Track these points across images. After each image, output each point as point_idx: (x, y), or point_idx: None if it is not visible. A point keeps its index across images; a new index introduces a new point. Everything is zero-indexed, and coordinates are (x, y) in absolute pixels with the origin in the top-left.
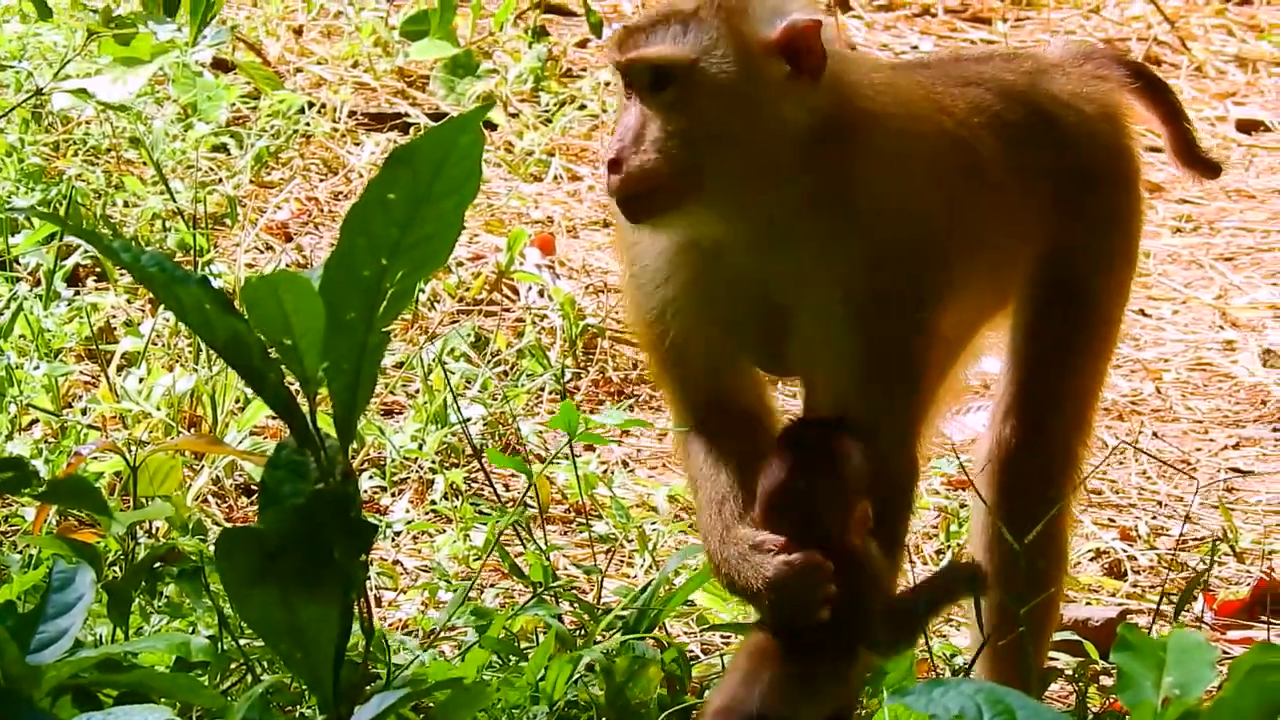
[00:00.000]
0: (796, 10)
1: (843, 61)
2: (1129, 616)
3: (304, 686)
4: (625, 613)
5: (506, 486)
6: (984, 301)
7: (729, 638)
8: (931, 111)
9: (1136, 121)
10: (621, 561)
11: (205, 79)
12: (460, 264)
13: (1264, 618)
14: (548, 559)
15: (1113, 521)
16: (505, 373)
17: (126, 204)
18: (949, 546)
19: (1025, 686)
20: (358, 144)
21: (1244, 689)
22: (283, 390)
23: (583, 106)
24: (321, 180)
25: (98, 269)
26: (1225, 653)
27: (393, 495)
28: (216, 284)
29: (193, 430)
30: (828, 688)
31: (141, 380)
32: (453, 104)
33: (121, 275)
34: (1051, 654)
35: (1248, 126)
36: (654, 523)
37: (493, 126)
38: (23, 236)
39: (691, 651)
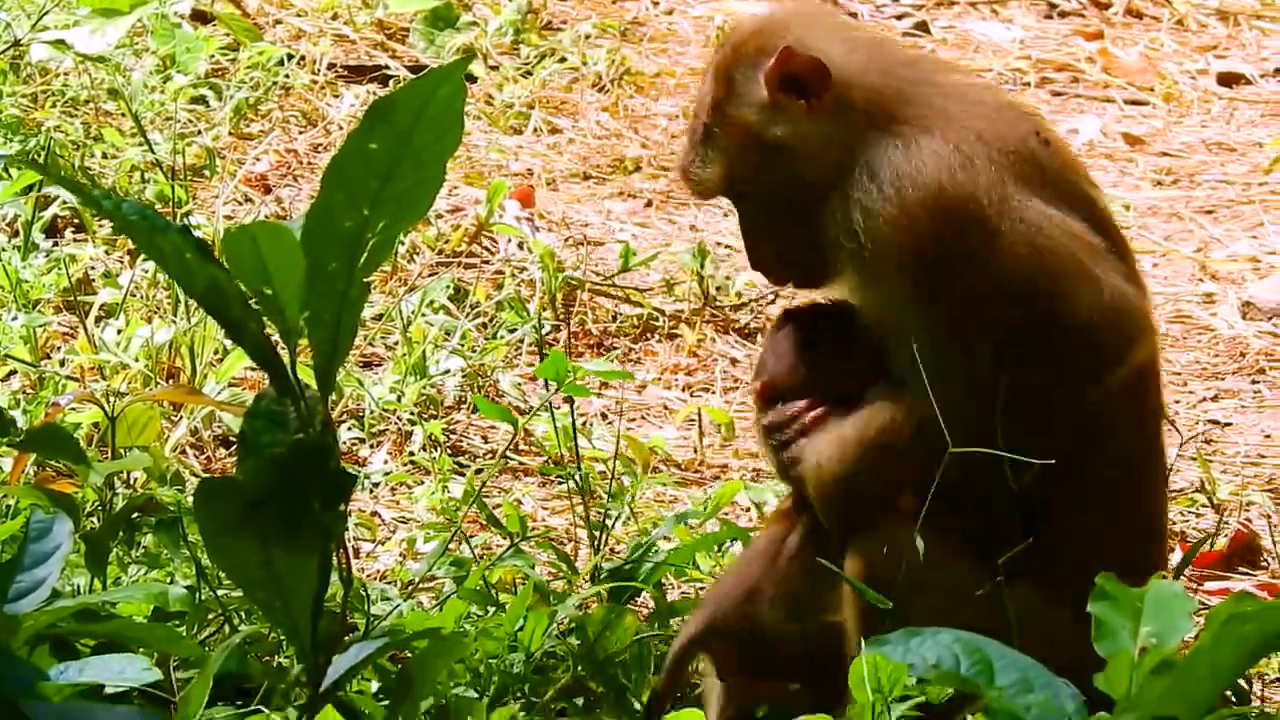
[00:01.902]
0: (777, 42)
1: (861, 68)
2: None
3: (282, 636)
4: (609, 566)
5: (485, 438)
6: None
7: (704, 587)
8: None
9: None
10: (600, 513)
11: (184, 30)
12: (440, 216)
13: (1241, 569)
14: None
15: None
16: (484, 325)
17: (105, 155)
18: None
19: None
20: (337, 96)
21: (1220, 639)
22: (262, 341)
23: (563, 59)
24: (301, 132)
25: (76, 220)
26: (1202, 604)
27: (371, 447)
28: (196, 235)
29: (171, 381)
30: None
31: (120, 331)
32: (432, 56)
33: (100, 226)
34: None
35: (1229, 80)
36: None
37: (472, 79)
38: (1, 187)
39: (672, 598)
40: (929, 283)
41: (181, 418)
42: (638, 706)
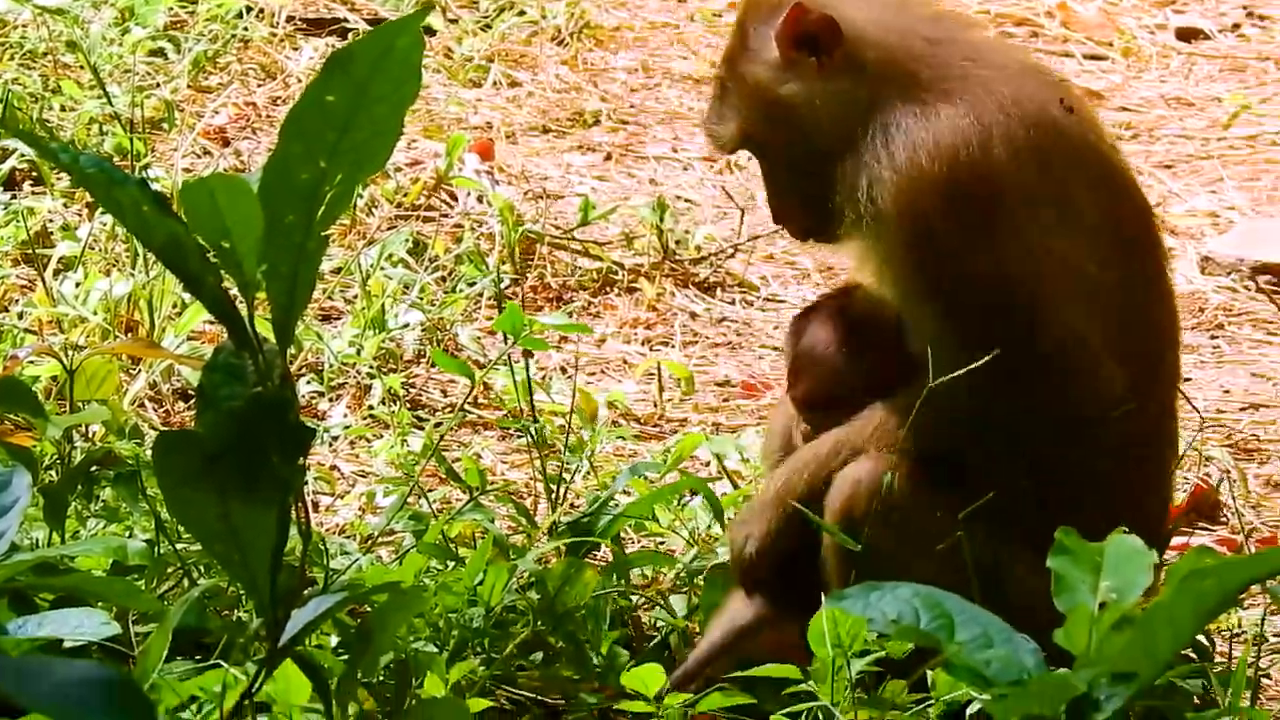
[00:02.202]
0: (780, 5)
1: (877, 26)
2: None
3: (241, 590)
4: (568, 520)
5: (444, 392)
6: None
7: (663, 541)
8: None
9: None
10: (559, 466)
11: None
12: (398, 169)
13: (1201, 524)
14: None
15: None
16: (443, 278)
17: (63, 108)
18: None
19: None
20: (296, 49)
21: (1180, 594)
22: (220, 294)
23: (522, 12)
24: (259, 85)
25: (34, 173)
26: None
27: (330, 400)
28: (154, 188)
29: (130, 334)
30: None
31: (78, 284)
32: (391, 9)
33: (59, 179)
34: None
35: (1187, 35)
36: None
37: (431, 32)
38: None
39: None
40: (927, 260)
41: (140, 371)
42: (596, 661)
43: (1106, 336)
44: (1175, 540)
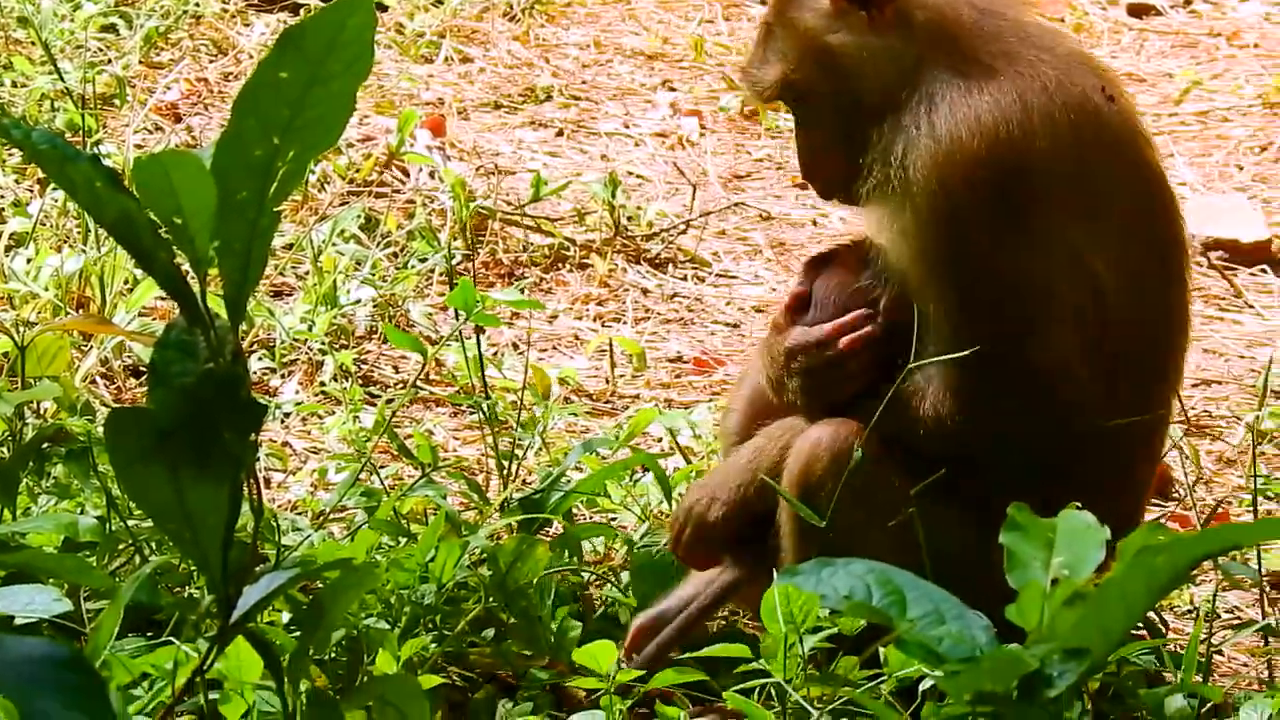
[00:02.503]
0: None
1: None
2: None
3: (192, 567)
4: (519, 496)
5: (396, 368)
6: None
7: (614, 517)
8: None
9: None
10: (510, 443)
11: None
12: (350, 145)
13: (1153, 500)
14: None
15: None
16: (395, 254)
17: (15, 84)
18: None
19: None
20: (247, 25)
21: (1132, 570)
22: (173, 270)
23: None
24: (211, 61)
25: None
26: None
27: (282, 377)
28: (106, 164)
29: (81, 311)
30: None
31: (29, 260)
32: None
33: (10, 155)
34: None
35: (1139, 10)
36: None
37: (383, 8)
38: None
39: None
40: (946, 236)
41: (92, 347)
42: (548, 637)
43: (1106, 340)
44: None
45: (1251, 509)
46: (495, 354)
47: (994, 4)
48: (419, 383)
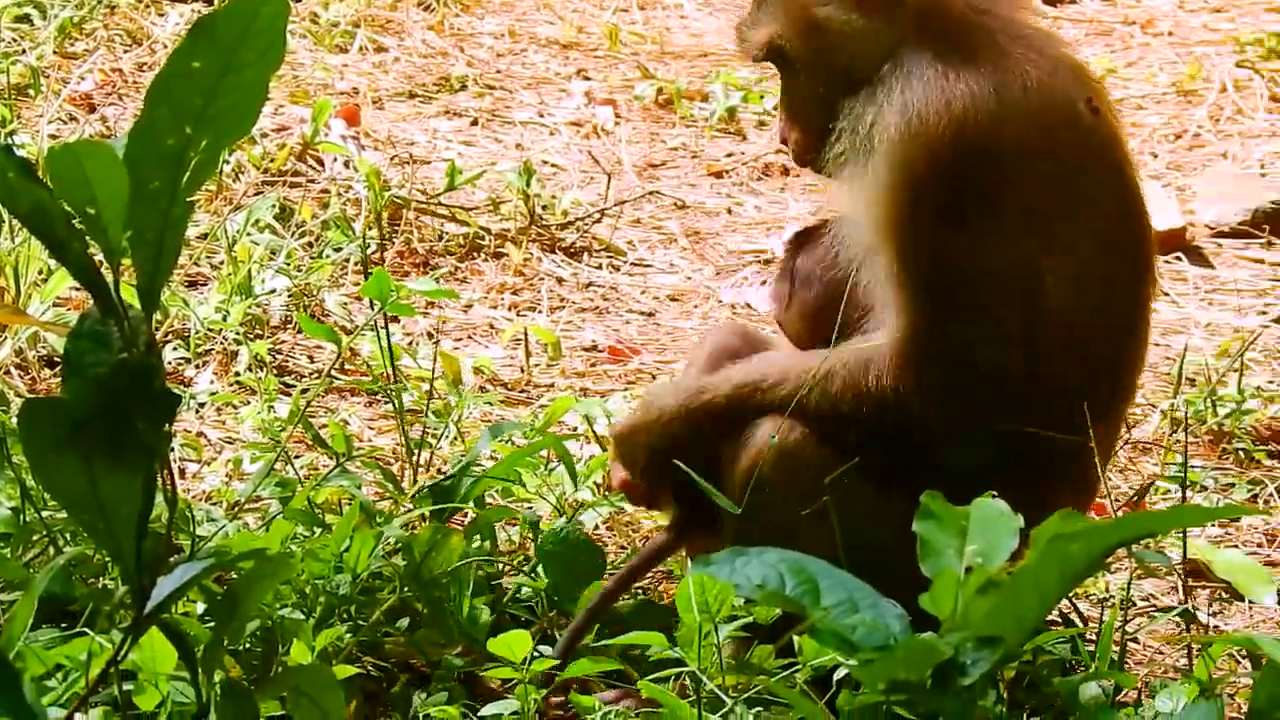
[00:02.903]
0: None
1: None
2: None
3: (107, 558)
4: (431, 484)
5: (311, 358)
6: None
7: (530, 505)
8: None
9: None
10: (424, 432)
11: None
12: (265, 135)
13: None
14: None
15: None
16: (310, 244)
17: None
18: None
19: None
20: (162, 15)
21: (1046, 558)
22: (86, 261)
23: None
24: (126, 51)
25: None
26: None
27: (197, 367)
28: (19, 155)
29: None
30: None
31: None
32: None
33: None
34: None
35: None
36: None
37: None
38: None
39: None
40: (903, 213)
41: (6, 338)
42: (462, 626)
43: (1058, 353)
44: None
45: (1171, 495)
46: (410, 343)
47: (994, 3)
48: (334, 372)
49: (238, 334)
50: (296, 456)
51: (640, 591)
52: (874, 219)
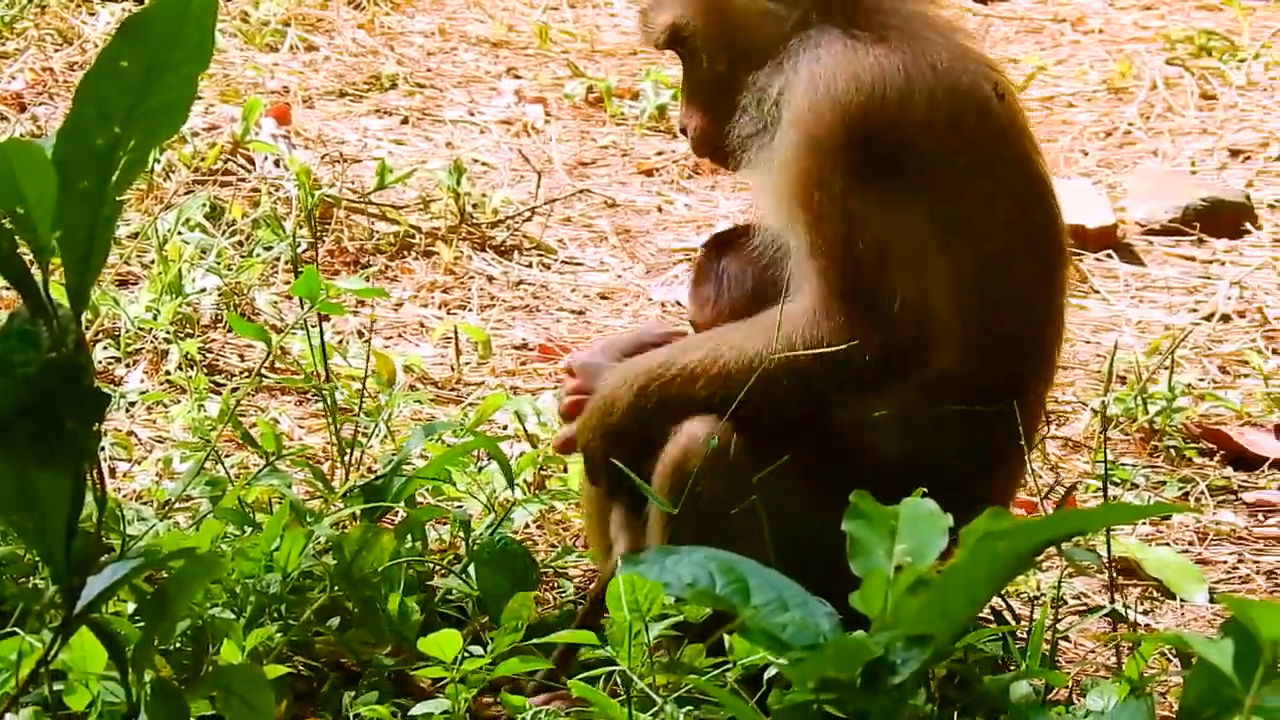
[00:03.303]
0: None
1: None
2: None
3: (36, 557)
4: (362, 483)
5: (242, 356)
6: None
7: (460, 505)
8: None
9: None
10: (355, 431)
11: None
12: (195, 134)
13: None
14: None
15: None
16: (240, 243)
17: None
18: None
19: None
20: (93, 14)
21: (975, 556)
22: (15, 259)
23: None
24: (56, 50)
25: None
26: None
27: (127, 366)
28: None
29: None
30: None
31: None
32: None
33: None
34: None
35: None
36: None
37: None
38: None
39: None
40: (811, 180)
41: None
42: (392, 626)
43: (970, 330)
44: None
45: (1101, 493)
46: (340, 342)
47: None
48: (264, 371)
49: (168, 333)
50: (227, 455)
51: (576, 598)
52: (783, 189)
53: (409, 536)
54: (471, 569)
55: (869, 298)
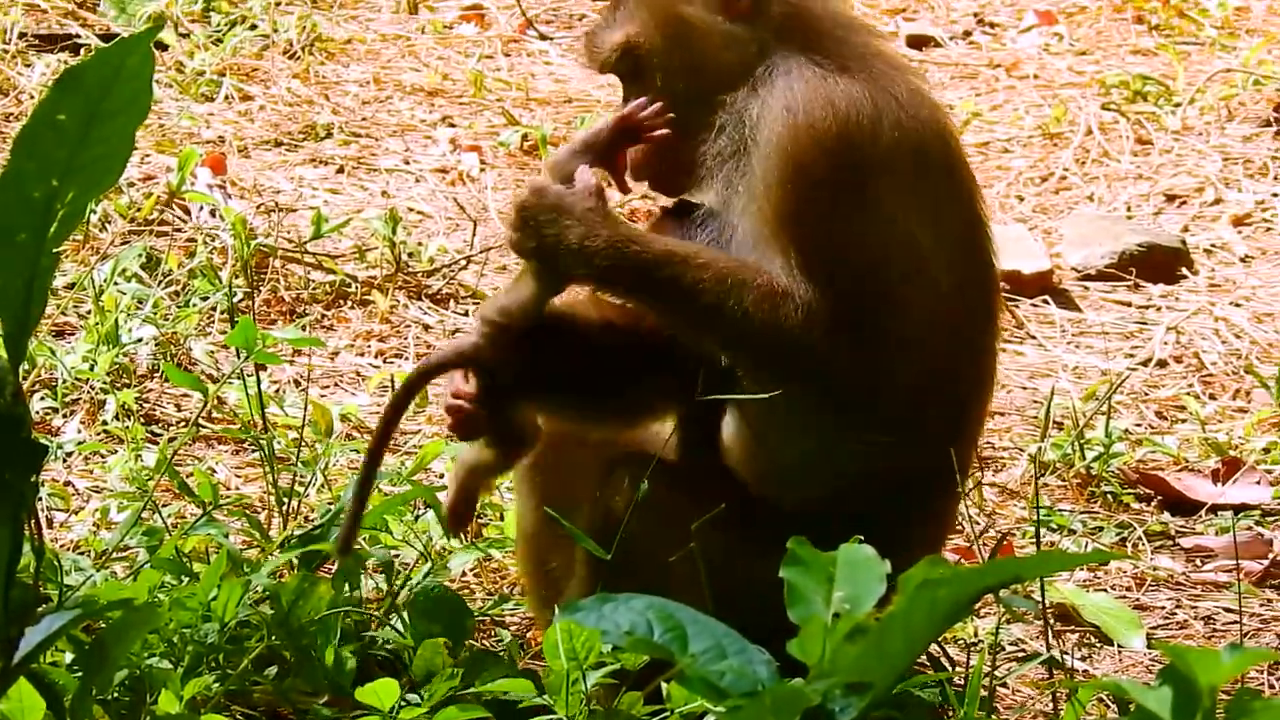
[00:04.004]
0: None
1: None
2: None
3: None
4: (299, 532)
5: (178, 406)
6: None
7: (396, 554)
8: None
9: None
10: (293, 480)
11: None
12: (132, 184)
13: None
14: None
15: None
16: (177, 293)
17: None
18: None
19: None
20: (28, 65)
21: (913, 603)
22: None
23: (253, 26)
24: None
25: None
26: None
27: (64, 416)
28: None
29: None
30: None
31: None
32: (124, 25)
33: None
34: None
35: (918, 42)
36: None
37: (163, 47)
38: None
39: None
40: (791, 202)
41: None
42: (330, 675)
43: (922, 363)
44: None
45: (1034, 541)
46: (277, 391)
47: (856, 29)
48: (201, 421)
49: (105, 383)
50: (164, 505)
51: (511, 639)
52: (765, 213)
53: (345, 585)
54: (406, 618)
55: (852, 320)
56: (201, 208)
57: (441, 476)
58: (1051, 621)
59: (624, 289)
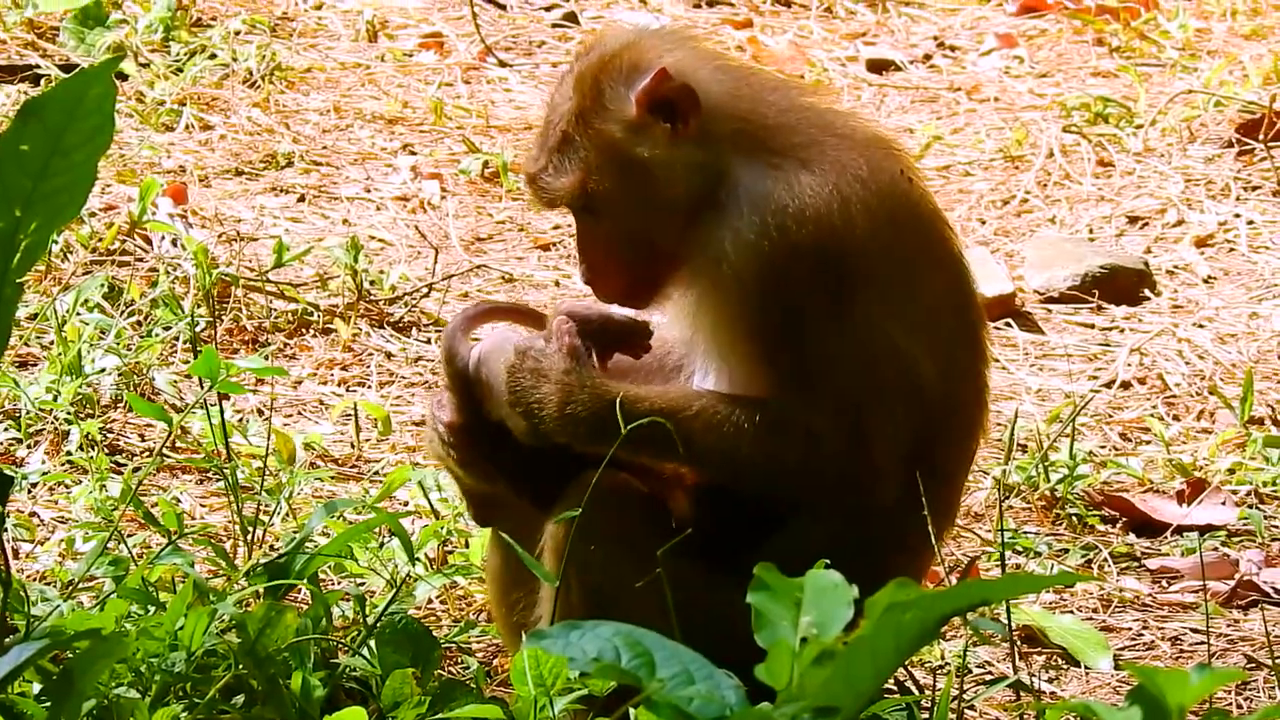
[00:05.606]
0: (652, 62)
1: (729, 96)
2: None
3: None
4: (265, 561)
5: (142, 436)
6: None
7: (362, 582)
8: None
9: None
10: (258, 509)
11: None
12: (93, 214)
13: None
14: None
15: None
16: (139, 323)
17: None
18: None
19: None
20: None
21: (880, 627)
22: None
23: (213, 55)
24: None
25: None
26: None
27: (28, 447)
28: None
29: None
30: None
31: None
32: (84, 55)
33: None
34: None
35: (878, 67)
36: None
37: (124, 77)
38: None
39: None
40: (770, 320)
41: None
42: (297, 703)
43: (912, 424)
44: None
45: (1000, 563)
46: (240, 420)
47: (788, 98)
48: (165, 450)
49: (68, 413)
50: (129, 535)
51: (476, 664)
52: (740, 329)
53: (312, 613)
54: (373, 646)
55: (850, 429)
56: (163, 237)
57: (406, 504)
58: (1018, 644)
59: (613, 447)
